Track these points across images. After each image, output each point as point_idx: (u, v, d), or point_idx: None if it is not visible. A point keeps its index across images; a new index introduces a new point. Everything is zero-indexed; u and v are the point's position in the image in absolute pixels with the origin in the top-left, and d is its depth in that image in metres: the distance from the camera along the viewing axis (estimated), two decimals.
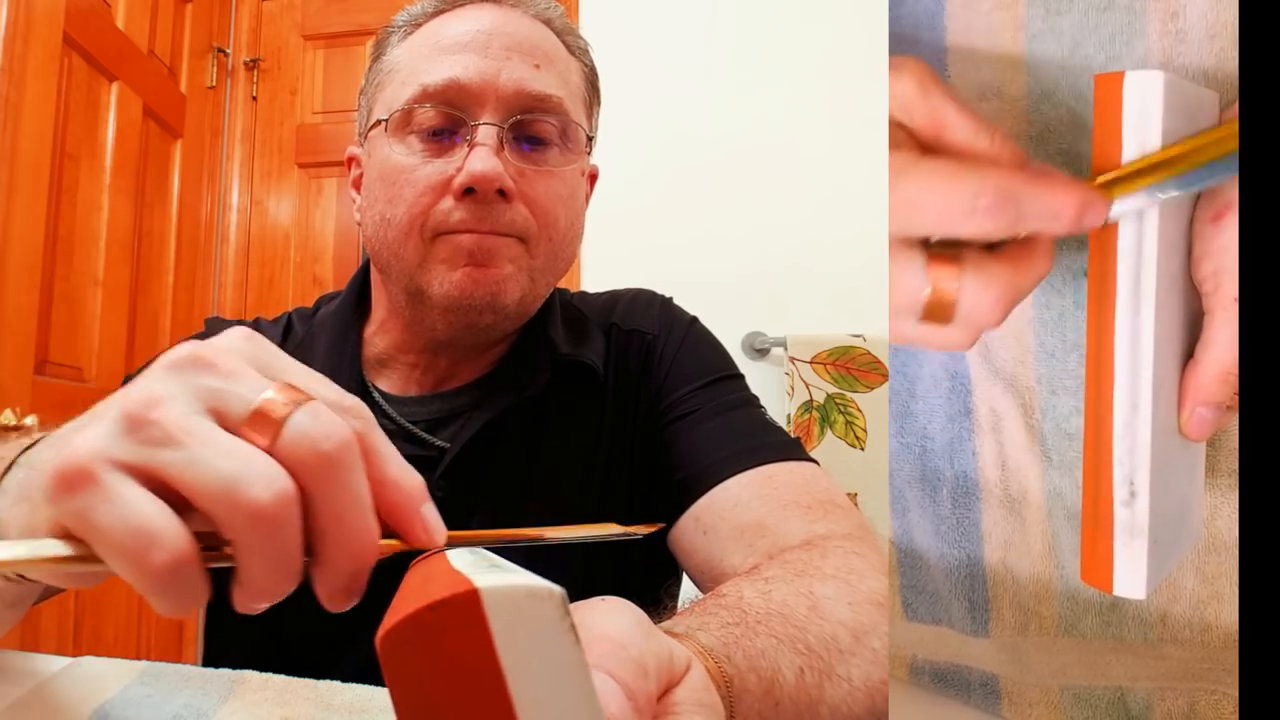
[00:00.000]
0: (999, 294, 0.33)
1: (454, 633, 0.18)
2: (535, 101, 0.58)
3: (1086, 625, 0.42)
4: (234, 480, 0.23)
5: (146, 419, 0.24)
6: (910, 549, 0.46)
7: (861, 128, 1.60)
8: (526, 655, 0.18)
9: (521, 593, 0.18)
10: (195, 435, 0.24)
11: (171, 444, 0.24)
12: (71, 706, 0.38)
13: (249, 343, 0.27)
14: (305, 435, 0.24)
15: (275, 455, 0.24)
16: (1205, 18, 0.35)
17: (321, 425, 0.24)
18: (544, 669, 0.18)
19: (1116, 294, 0.34)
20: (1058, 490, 0.41)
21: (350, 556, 0.25)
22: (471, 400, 0.62)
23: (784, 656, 0.34)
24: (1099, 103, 0.34)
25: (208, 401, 0.25)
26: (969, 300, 0.33)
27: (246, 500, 0.23)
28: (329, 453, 0.24)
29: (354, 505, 0.25)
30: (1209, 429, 0.35)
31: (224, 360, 0.26)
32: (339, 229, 1.95)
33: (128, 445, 0.24)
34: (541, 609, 0.18)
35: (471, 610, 0.18)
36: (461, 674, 0.18)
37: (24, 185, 1.32)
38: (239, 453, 0.24)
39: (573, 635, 0.18)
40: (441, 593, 0.18)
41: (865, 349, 1.56)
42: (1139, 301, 0.33)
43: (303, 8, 2.03)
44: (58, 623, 1.42)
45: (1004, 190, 0.31)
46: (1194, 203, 0.35)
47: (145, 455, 0.24)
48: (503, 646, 0.18)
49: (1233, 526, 0.39)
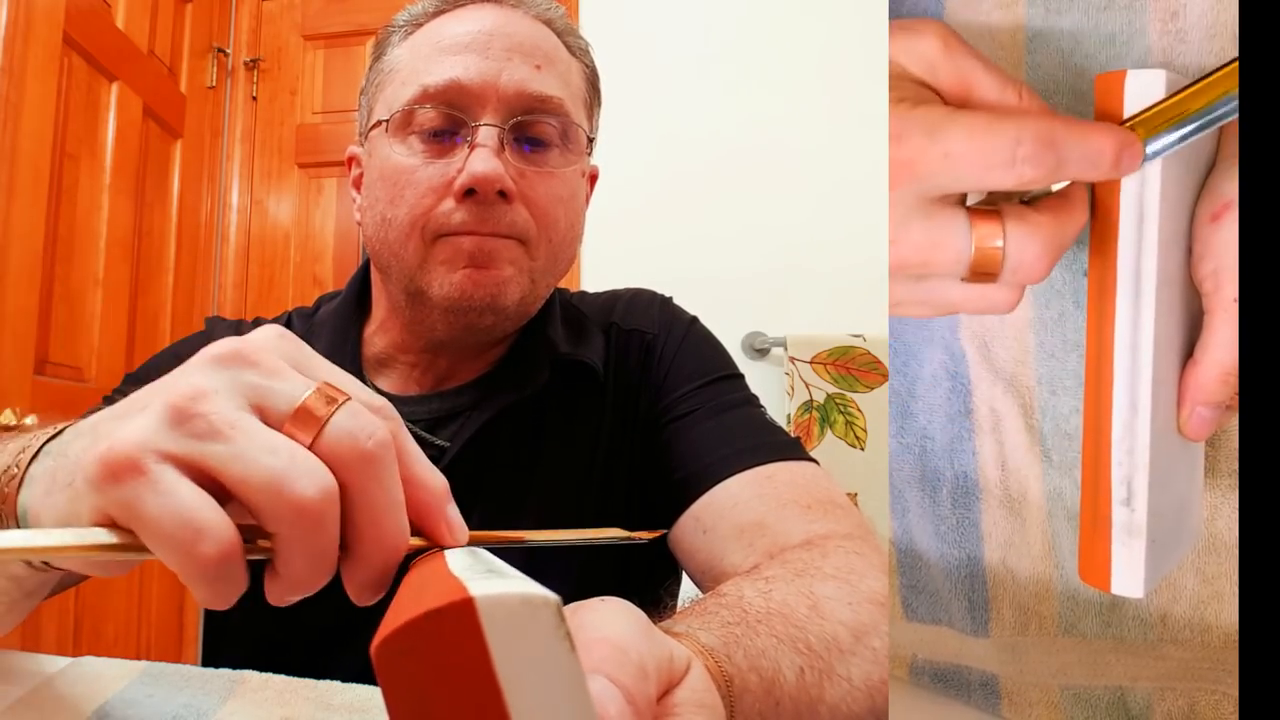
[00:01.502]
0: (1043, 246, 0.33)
1: (449, 641, 0.18)
2: (536, 103, 0.58)
3: (1086, 625, 0.42)
4: (281, 476, 0.24)
5: (193, 412, 0.24)
6: (910, 549, 0.46)
7: (861, 127, 1.60)
8: (522, 663, 0.18)
9: (516, 601, 0.18)
10: (241, 430, 0.24)
11: (218, 438, 0.24)
12: (71, 706, 0.38)
13: (285, 341, 0.28)
14: (348, 434, 0.25)
15: (317, 452, 0.25)
16: (1205, 18, 0.35)
17: (362, 424, 0.25)
18: (539, 677, 0.18)
19: (1116, 293, 0.34)
20: (1058, 490, 0.41)
21: (383, 552, 0.26)
22: (471, 399, 0.62)
23: (784, 656, 0.34)
24: (1100, 101, 0.34)
25: (251, 397, 0.26)
26: (1015, 254, 0.33)
27: (292, 495, 0.24)
28: (370, 451, 0.25)
29: (390, 503, 0.26)
30: (1209, 429, 0.35)
31: (266, 358, 0.27)
32: (339, 229, 1.94)
33: (175, 437, 0.24)
34: (537, 617, 0.18)
35: (466, 619, 0.18)
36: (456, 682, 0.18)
37: (24, 185, 1.32)
38: (284, 449, 0.24)
39: (568, 643, 0.18)
40: (436, 601, 0.18)
41: (865, 349, 1.56)
42: (1138, 301, 0.33)
43: (303, 8, 2.03)
44: (58, 623, 1.42)
45: (1043, 137, 0.31)
46: (1194, 202, 0.35)
47: (192, 448, 0.24)
48: (498, 655, 0.18)
49: (1233, 526, 0.39)
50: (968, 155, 0.32)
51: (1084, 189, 0.34)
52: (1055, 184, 0.33)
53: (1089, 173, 0.32)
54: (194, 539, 0.23)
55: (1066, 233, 0.33)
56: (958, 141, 0.32)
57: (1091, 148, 0.32)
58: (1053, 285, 0.40)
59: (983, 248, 0.33)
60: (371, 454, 0.25)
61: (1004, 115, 0.32)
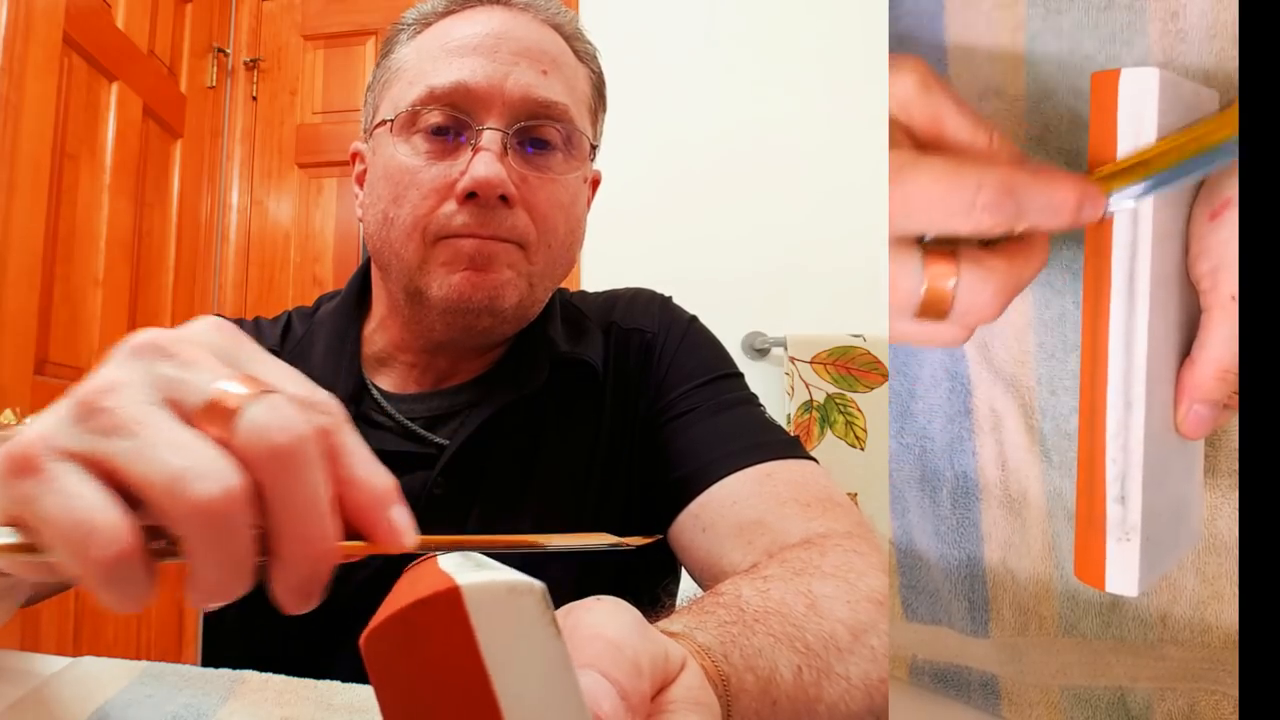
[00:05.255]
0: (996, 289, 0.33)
1: (437, 630, 0.18)
2: (541, 108, 0.58)
3: (1086, 625, 0.42)
4: (181, 474, 0.22)
5: (98, 406, 0.23)
6: (910, 549, 0.46)
7: (861, 127, 1.60)
8: (509, 650, 0.18)
9: (502, 588, 0.18)
10: (146, 425, 0.23)
11: (121, 433, 0.23)
12: (71, 706, 0.38)
13: (217, 333, 0.27)
14: (261, 428, 0.23)
15: (230, 449, 0.23)
16: (1205, 18, 0.35)
17: (277, 418, 0.23)
18: (527, 663, 0.18)
19: (1111, 292, 0.34)
20: (1058, 490, 0.41)
21: (306, 557, 0.24)
22: (471, 398, 0.63)
23: (782, 655, 0.34)
24: (1095, 100, 0.34)
25: (165, 390, 0.24)
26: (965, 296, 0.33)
27: (193, 495, 0.22)
28: (284, 447, 0.23)
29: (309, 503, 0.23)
30: (1206, 427, 0.35)
31: (184, 349, 0.25)
32: (339, 229, 1.95)
33: (76, 433, 0.23)
34: (522, 603, 0.18)
35: (454, 607, 0.18)
36: (446, 670, 0.18)
37: (24, 185, 1.32)
38: (188, 445, 0.23)
39: (554, 628, 0.19)
40: (424, 591, 0.18)
41: (865, 349, 1.56)
42: (1133, 299, 0.33)
43: (303, 8, 2.03)
44: (58, 623, 1.42)
45: (1003, 186, 0.32)
46: (1191, 199, 0.35)
47: (93, 444, 0.23)
48: (485, 642, 0.18)
49: (1233, 526, 0.39)
50: (928, 200, 0.32)
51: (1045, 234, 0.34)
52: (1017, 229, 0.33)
53: (1049, 221, 0.32)
54: (86, 539, 0.22)
55: (1022, 276, 0.33)
56: (918, 186, 0.32)
57: (1054, 199, 0.32)
58: (1053, 285, 0.40)
59: (934, 288, 0.33)
60: (284, 449, 0.23)
61: (966, 162, 0.32)
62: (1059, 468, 0.41)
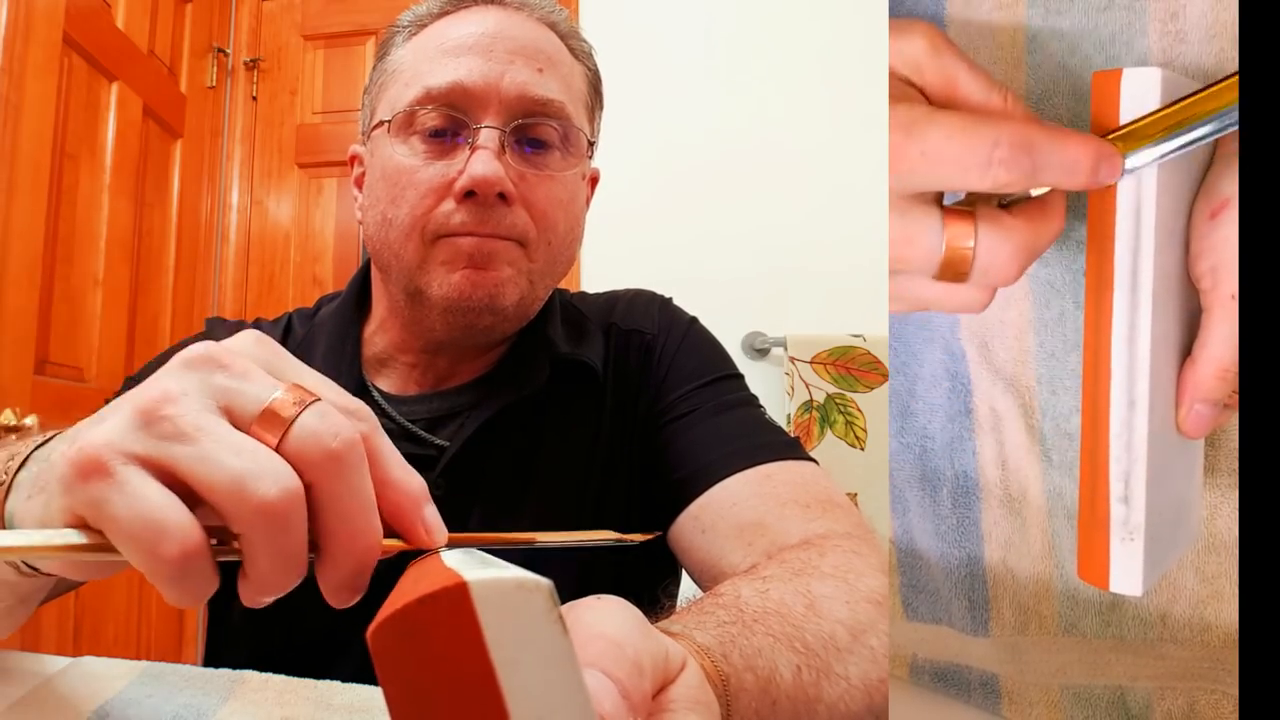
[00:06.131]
0: (1014, 250, 0.33)
1: (443, 625, 0.18)
2: (538, 106, 0.58)
3: (1086, 625, 0.42)
4: (243, 477, 0.24)
5: (160, 414, 0.25)
6: (910, 549, 0.46)
7: (861, 128, 1.60)
8: (516, 646, 0.18)
9: (510, 585, 0.18)
10: (207, 432, 0.25)
11: (184, 439, 0.25)
12: (71, 706, 0.38)
13: (260, 345, 0.28)
14: (313, 434, 0.25)
15: (283, 454, 0.25)
16: (1205, 18, 0.35)
17: (329, 425, 0.25)
18: (533, 659, 0.18)
19: (1113, 291, 0.34)
20: (1058, 490, 0.41)
21: (354, 553, 0.26)
22: (471, 399, 0.63)
23: (781, 655, 0.34)
24: (1096, 99, 0.34)
25: (220, 399, 0.26)
26: (985, 256, 0.33)
27: (255, 496, 0.24)
28: (336, 451, 0.25)
29: (359, 504, 0.26)
30: (1207, 426, 0.35)
31: (236, 361, 0.27)
32: (339, 229, 1.94)
33: (142, 439, 0.25)
34: (529, 600, 0.18)
35: (460, 602, 0.18)
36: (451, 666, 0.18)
37: (24, 185, 1.32)
38: (248, 450, 0.24)
39: (561, 625, 0.19)
40: (431, 587, 0.18)
41: (865, 349, 1.55)
42: (1136, 298, 0.33)
43: (303, 8, 2.03)
44: (58, 623, 1.42)
45: (1020, 141, 0.31)
46: (1191, 199, 0.35)
47: (158, 449, 0.25)
48: (492, 638, 0.18)
49: (1233, 526, 0.39)
50: (944, 155, 0.32)
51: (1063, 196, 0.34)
52: (1034, 189, 0.33)
53: (1065, 180, 0.32)
54: (157, 538, 0.23)
55: (1040, 239, 0.33)
56: (935, 140, 0.32)
57: (1069, 156, 0.32)
58: (1053, 285, 0.40)
59: (954, 247, 0.33)
60: (337, 453, 0.25)
61: (983, 117, 0.32)
62: (1059, 467, 0.41)
